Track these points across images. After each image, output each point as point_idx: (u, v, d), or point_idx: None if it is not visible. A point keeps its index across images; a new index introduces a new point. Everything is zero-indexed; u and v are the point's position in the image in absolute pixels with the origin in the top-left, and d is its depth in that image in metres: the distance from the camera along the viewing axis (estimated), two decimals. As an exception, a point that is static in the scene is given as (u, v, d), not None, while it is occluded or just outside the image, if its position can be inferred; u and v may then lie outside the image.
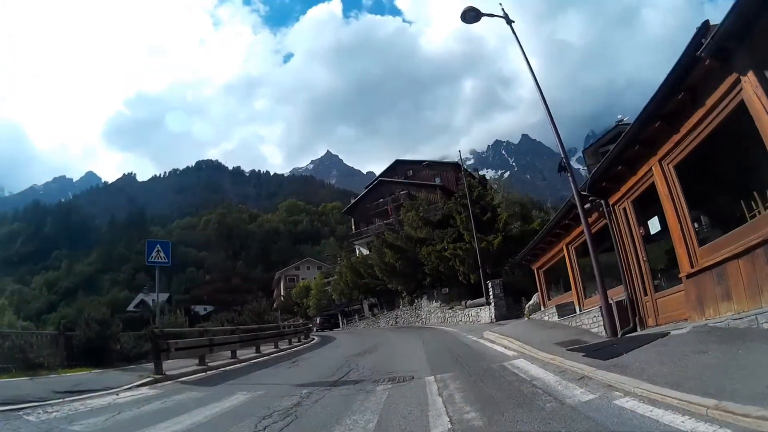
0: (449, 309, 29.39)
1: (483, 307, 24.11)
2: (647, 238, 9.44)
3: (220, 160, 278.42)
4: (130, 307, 68.34)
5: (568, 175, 10.84)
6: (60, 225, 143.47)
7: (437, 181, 52.40)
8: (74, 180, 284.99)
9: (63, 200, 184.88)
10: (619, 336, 9.33)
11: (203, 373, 11.02)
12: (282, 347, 19.85)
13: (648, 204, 9.11)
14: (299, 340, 24.34)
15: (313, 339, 28.05)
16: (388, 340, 19.58)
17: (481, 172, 53.10)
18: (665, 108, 7.23)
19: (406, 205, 36.54)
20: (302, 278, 77.35)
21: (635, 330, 9.50)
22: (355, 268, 43.10)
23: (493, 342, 11.94)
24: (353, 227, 59.12)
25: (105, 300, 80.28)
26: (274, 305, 78.70)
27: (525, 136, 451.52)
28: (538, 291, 16.98)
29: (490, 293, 22.90)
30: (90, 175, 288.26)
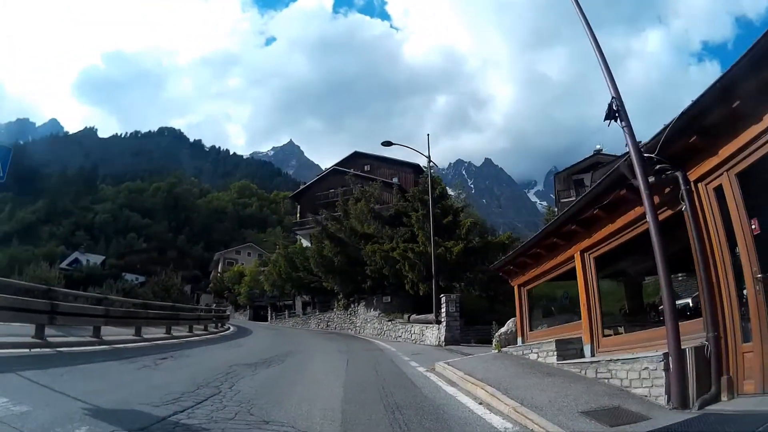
0: (389, 321, 24.82)
1: (430, 326, 19.66)
2: (762, 239, 5.18)
3: (182, 130, 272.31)
4: (63, 264, 64.09)
5: (621, 124, 6.49)
6: (10, 167, 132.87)
7: (395, 180, 47.94)
8: (37, 125, 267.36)
9: (21, 142, 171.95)
10: (693, 408, 5.08)
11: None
12: (197, 332, 18.95)
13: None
14: (216, 327, 22.97)
15: (229, 328, 25.67)
16: (307, 348, 15.70)
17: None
18: None
19: (357, 194, 31.70)
20: (241, 263, 71.19)
21: (719, 398, 5.22)
22: (290, 258, 37.95)
23: (454, 385, 7.35)
24: (298, 215, 53.81)
25: (40, 252, 72.84)
26: (209, 287, 73.71)
27: (488, 160, 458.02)
28: (516, 316, 12.49)
29: (443, 309, 18.47)
30: (53, 122, 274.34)
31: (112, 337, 12.24)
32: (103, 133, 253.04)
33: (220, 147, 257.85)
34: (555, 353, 8.10)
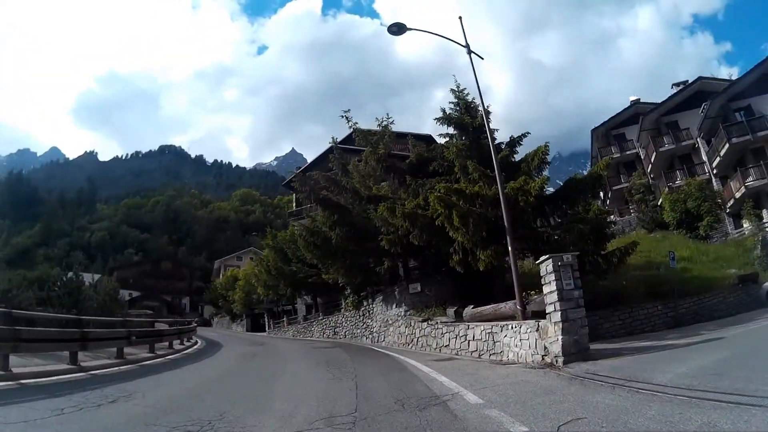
0: (423, 322, 15.44)
1: (509, 325, 10.29)
2: None
3: (183, 147, 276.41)
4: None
5: None
6: (7, 195, 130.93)
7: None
8: (38, 154, 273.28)
9: (23, 172, 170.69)
10: None
11: None
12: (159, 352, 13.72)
13: None
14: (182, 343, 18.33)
15: (195, 344, 20.05)
16: (279, 391, 7.50)
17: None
18: None
19: (366, 154, 21.61)
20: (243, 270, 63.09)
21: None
22: (280, 249, 28.83)
23: None
24: (294, 205, 44.46)
25: (34, 275, 66.29)
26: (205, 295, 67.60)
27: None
28: None
29: (549, 288, 8.87)
30: (54, 151, 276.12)
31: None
32: (104, 156, 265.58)
33: (222, 161, 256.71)
34: None
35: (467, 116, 15.39)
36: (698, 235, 24.04)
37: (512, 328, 10.21)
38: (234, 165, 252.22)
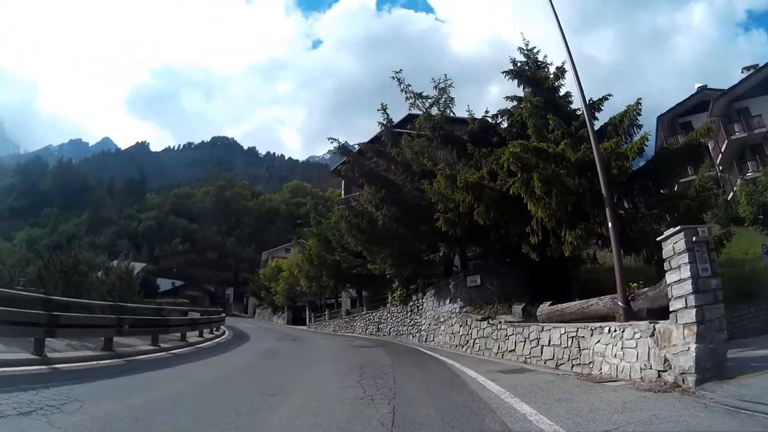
0: (482, 320, 12.86)
1: (602, 328, 7.62)
2: None
3: (236, 139, 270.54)
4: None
5: None
6: (57, 184, 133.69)
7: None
8: (90, 144, 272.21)
9: (74, 161, 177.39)
10: None
11: None
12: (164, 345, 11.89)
13: None
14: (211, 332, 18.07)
15: (221, 335, 19.03)
16: (274, 423, 4.69)
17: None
18: None
19: (419, 121, 18.79)
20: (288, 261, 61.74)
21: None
22: (324, 236, 26.90)
23: None
24: (342, 192, 42.55)
25: (96, 263, 67.98)
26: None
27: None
28: None
29: (681, 270, 6.13)
30: (106, 141, 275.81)
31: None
32: (156, 146, 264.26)
33: (275, 153, 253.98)
34: None
35: (538, 70, 12.69)
36: (777, 231, 20.38)
37: (610, 332, 7.48)
38: (286, 157, 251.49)
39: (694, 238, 6.14)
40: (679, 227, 6.30)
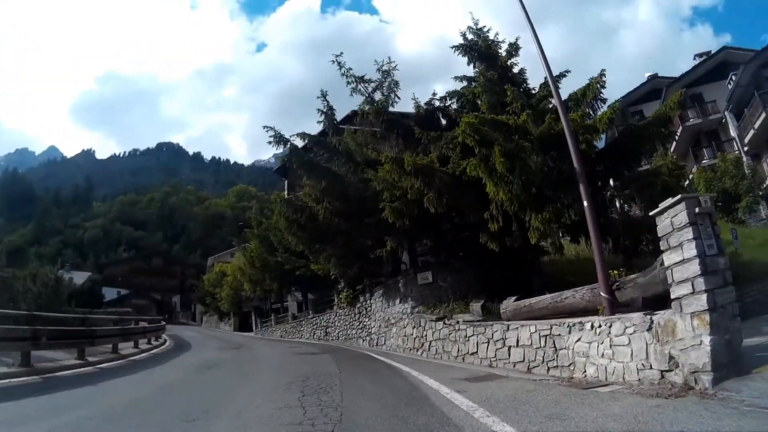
0: (437, 321, 11.60)
1: (582, 325, 6.43)
2: None
3: (181, 144, 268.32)
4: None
5: None
6: (3, 194, 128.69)
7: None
8: (36, 153, 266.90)
9: (20, 171, 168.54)
10: None
11: None
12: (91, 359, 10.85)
13: None
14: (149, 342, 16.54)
15: (161, 344, 17.83)
16: None
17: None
18: None
19: (362, 107, 17.23)
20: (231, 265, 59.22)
21: None
22: (265, 237, 25.03)
23: None
24: (286, 192, 40.54)
25: (20, 274, 63.08)
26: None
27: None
28: None
29: (685, 248, 4.94)
30: (52, 149, 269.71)
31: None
32: (102, 154, 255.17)
33: (220, 158, 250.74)
34: None
35: (491, 45, 11.53)
36: (736, 218, 20.45)
37: (593, 328, 6.27)
38: (232, 162, 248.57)
39: (696, 209, 4.99)
40: (679, 196, 5.14)
